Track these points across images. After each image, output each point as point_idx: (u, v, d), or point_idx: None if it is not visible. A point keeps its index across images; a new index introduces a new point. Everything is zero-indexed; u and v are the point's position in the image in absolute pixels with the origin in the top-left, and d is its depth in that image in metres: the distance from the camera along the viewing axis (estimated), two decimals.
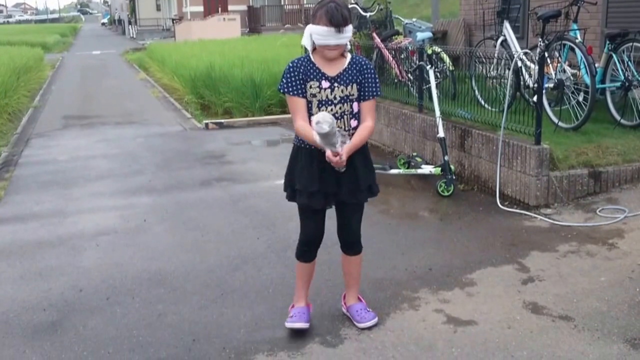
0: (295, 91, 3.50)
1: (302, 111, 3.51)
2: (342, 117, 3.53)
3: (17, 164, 8.52)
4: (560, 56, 6.56)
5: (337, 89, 3.50)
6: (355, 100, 3.56)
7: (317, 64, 3.51)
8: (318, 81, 3.49)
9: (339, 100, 3.51)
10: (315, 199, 3.58)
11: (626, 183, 5.77)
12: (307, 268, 3.84)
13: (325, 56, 3.49)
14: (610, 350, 3.42)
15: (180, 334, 3.82)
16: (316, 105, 3.51)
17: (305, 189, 3.56)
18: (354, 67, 3.56)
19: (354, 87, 3.54)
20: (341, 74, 3.52)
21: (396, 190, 6.52)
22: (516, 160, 5.75)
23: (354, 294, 3.92)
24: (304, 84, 3.50)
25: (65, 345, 3.75)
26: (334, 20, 3.36)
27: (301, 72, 3.50)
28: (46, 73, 21.12)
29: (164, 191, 6.92)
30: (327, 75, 3.50)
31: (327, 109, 3.49)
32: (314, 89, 3.49)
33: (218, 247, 5.19)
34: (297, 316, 3.74)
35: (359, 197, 3.65)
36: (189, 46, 21.24)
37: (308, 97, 3.51)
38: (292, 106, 3.56)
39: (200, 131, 10.66)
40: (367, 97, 3.57)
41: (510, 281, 4.31)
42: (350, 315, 3.86)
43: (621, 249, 4.71)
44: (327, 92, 3.50)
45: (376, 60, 8.95)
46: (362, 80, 3.56)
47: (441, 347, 3.54)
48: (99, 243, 5.40)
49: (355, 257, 3.85)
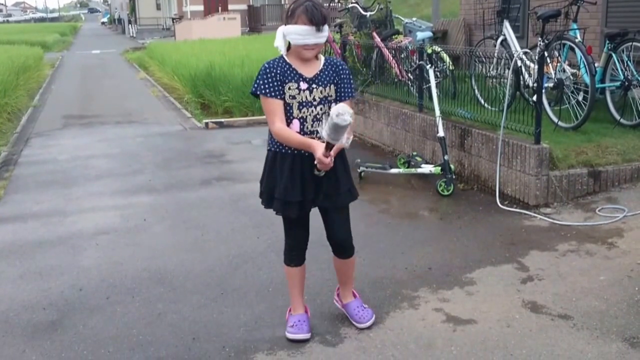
0: (273, 93, 3.40)
1: (280, 113, 3.42)
2: (322, 118, 3.46)
3: (16, 164, 8.52)
4: (560, 56, 6.56)
5: (315, 90, 3.44)
6: (333, 102, 3.49)
7: (294, 65, 3.44)
8: (296, 82, 3.42)
9: (319, 102, 3.45)
10: (291, 209, 3.50)
11: (626, 182, 5.77)
12: (299, 273, 3.77)
13: (302, 56, 3.42)
14: (609, 349, 3.43)
15: (180, 332, 3.83)
16: (297, 107, 3.43)
17: (284, 197, 3.48)
18: (330, 68, 3.51)
19: (331, 88, 3.49)
20: (318, 75, 3.46)
21: (396, 189, 6.53)
22: (516, 160, 5.76)
23: (349, 290, 3.88)
24: (281, 85, 3.41)
25: (65, 345, 3.75)
26: (315, 18, 3.29)
27: (278, 74, 3.41)
28: (46, 72, 21.13)
29: (164, 190, 6.93)
30: (304, 76, 3.44)
31: (307, 110, 3.43)
32: (292, 90, 3.42)
33: (218, 247, 5.20)
34: (297, 326, 3.67)
35: (338, 201, 3.59)
36: (189, 45, 21.26)
37: (287, 99, 3.42)
38: (268, 108, 3.44)
39: (200, 130, 10.68)
40: (344, 97, 3.52)
41: (510, 280, 4.32)
42: (347, 314, 3.84)
43: (620, 248, 4.72)
44: (306, 94, 3.43)
45: (376, 60, 8.96)
46: (338, 81, 3.51)
47: (441, 345, 3.55)
48: (98, 242, 5.41)
49: (349, 259, 3.78)
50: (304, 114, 3.44)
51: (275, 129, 3.40)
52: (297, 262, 3.74)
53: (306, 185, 3.47)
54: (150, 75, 19.03)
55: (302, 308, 3.78)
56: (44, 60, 23.47)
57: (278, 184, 3.49)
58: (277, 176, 3.51)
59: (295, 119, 3.44)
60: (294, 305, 3.79)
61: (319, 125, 3.43)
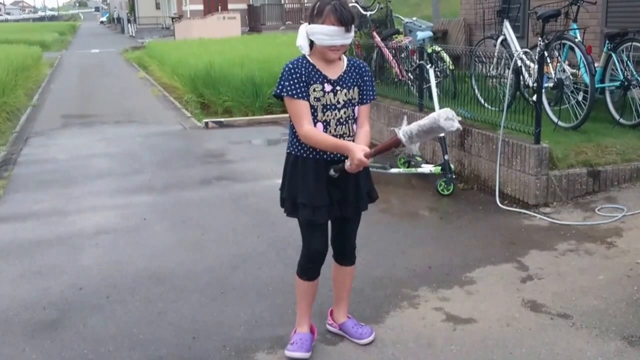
0: (300, 94, 3.23)
1: (308, 115, 3.25)
2: (346, 122, 3.34)
3: (16, 163, 8.52)
4: (560, 55, 6.58)
5: (339, 92, 3.30)
6: (356, 104, 3.38)
7: (317, 66, 3.29)
8: (321, 84, 3.27)
9: (343, 105, 3.31)
10: (321, 213, 3.35)
11: (625, 182, 5.80)
12: (312, 287, 3.57)
13: (327, 58, 3.27)
14: (608, 348, 3.44)
15: (181, 331, 3.83)
16: (321, 110, 3.28)
17: (311, 203, 3.31)
18: (354, 70, 3.38)
19: (355, 91, 3.36)
20: (342, 77, 3.33)
21: (396, 189, 6.55)
22: (516, 160, 5.77)
23: (345, 309, 3.75)
24: (306, 86, 3.25)
25: (65, 344, 3.76)
26: (344, 18, 3.14)
27: (303, 74, 3.25)
28: (45, 71, 21.11)
29: (163, 190, 6.93)
30: (328, 78, 3.29)
31: (331, 113, 3.29)
32: (317, 92, 3.26)
33: (218, 246, 5.21)
34: (298, 344, 3.50)
35: (361, 205, 3.47)
36: (188, 45, 21.25)
37: (311, 102, 3.26)
38: (296, 111, 3.26)
39: (200, 130, 10.68)
40: (366, 100, 3.41)
41: (510, 279, 4.34)
42: (345, 333, 3.70)
43: (619, 248, 4.74)
44: (330, 96, 3.29)
45: (376, 59, 8.98)
46: (361, 83, 3.39)
47: (440, 344, 3.57)
48: (98, 242, 5.41)
49: (350, 267, 3.68)
50: (328, 117, 3.29)
51: (305, 131, 3.23)
52: (312, 275, 3.53)
53: (331, 189, 3.35)
54: (149, 75, 19.04)
55: (307, 326, 3.60)
56: (43, 59, 23.44)
57: (302, 189, 3.33)
58: (299, 182, 3.35)
59: (319, 122, 3.29)
60: (299, 321, 3.61)
61: (342, 129, 3.32)
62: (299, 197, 3.35)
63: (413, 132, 3.00)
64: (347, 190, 3.39)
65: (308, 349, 3.50)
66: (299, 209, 3.37)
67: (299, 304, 3.61)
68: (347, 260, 3.66)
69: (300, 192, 3.34)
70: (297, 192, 3.36)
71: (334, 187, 3.35)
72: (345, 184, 3.36)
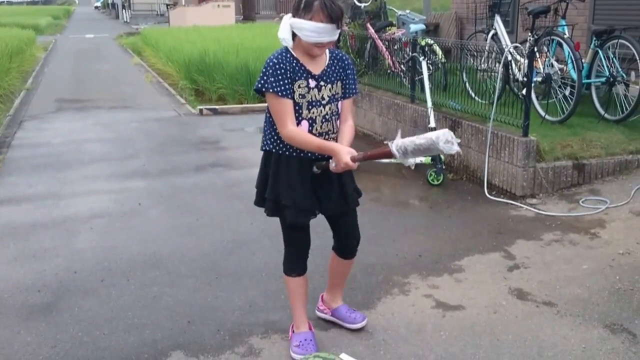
0: (285, 92, 3.07)
1: (292, 114, 3.09)
2: (331, 118, 3.21)
3: (10, 146, 8.50)
4: (549, 51, 6.65)
5: (324, 88, 3.16)
6: (340, 99, 3.25)
7: (301, 60, 3.13)
8: (305, 80, 3.12)
9: (328, 101, 3.17)
10: (306, 215, 3.29)
11: (608, 175, 5.89)
12: (303, 282, 3.49)
13: (312, 53, 3.11)
14: (591, 335, 3.53)
15: (175, 316, 3.87)
16: (306, 107, 3.13)
17: (296, 205, 3.21)
18: (337, 63, 3.23)
19: (339, 85, 3.23)
20: (325, 71, 3.18)
21: (387, 178, 6.61)
22: (504, 151, 5.86)
23: (341, 295, 3.75)
24: (291, 83, 3.08)
25: (60, 326, 3.78)
26: (334, 15, 2.97)
27: (288, 70, 3.08)
28: (39, 55, 20.94)
29: (158, 176, 6.97)
30: (312, 73, 3.14)
31: (317, 110, 3.16)
32: (302, 88, 3.11)
33: (212, 232, 5.26)
34: (303, 346, 3.38)
35: (349, 201, 3.37)
36: (183, 32, 21.15)
37: (296, 99, 3.11)
38: (280, 109, 3.08)
39: (194, 117, 10.68)
40: (348, 95, 3.27)
41: (497, 268, 4.42)
42: (337, 319, 3.71)
43: (602, 239, 4.83)
44: (315, 92, 3.14)
45: (370, 51, 9.02)
46: (344, 77, 3.25)
47: (430, 330, 3.64)
48: (93, 226, 5.44)
49: (351, 260, 3.61)
50: (314, 114, 3.15)
51: (288, 132, 3.07)
52: (299, 270, 3.45)
53: (317, 188, 3.26)
54: (144, 61, 18.95)
55: (306, 325, 3.51)
56: (37, 43, 23.25)
57: (286, 190, 3.21)
58: (282, 181, 3.22)
59: (304, 120, 3.15)
60: (296, 321, 3.51)
61: (327, 125, 3.21)
62: (282, 199, 3.23)
63: (408, 148, 2.91)
64: (331, 190, 3.29)
65: (315, 349, 3.37)
66: (283, 211, 3.27)
67: (293, 303, 3.52)
68: (350, 255, 3.58)
69: (284, 194, 3.22)
70: (279, 192, 3.23)
71: (318, 187, 3.26)
72: (328, 183, 3.27)
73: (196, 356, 3.46)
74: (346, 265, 3.65)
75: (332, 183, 3.28)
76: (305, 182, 3.22)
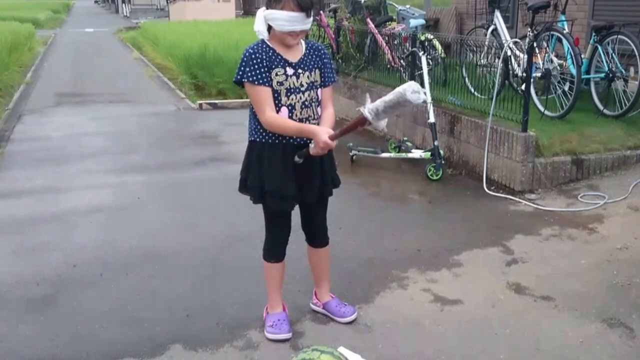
0: (261, 80, 3.20)
1: (270, 101, 3.22)
2: (311, 104, 3.32)
3: (9, 140, 8.50)
4: (548, 46, 6.65)
5: (302, 75, 3.28)
6: (319, 87, 3.37)
7: (277, 50, 3.26)
8: (283, 68, 3.24)
9: (306, 88, 3.30)
10: (289, 201, 3.40)
11: (607, 170, 5.90)
12: (281, 268, 3.64)
13: (287, 43, 3.24)
14: (588, 330, 3.54)
15: (174, 309, 3.88)
16: (284, 94, 3.25)
17: (279, 191, 3.32)
18: (313, 52, 3.36)
19: (317, 73, 3.35)
20: (302, 60, 3.31)
21: (387, 173, 6.63)
22: (503, 147, 5.87)
23: (327, 289, 3.81)
24: (268, 71, 3.21)
25: (59, 320, 3.79)
26: (304, 4, 3.13)
27: (264, 59, 3.21)
28: (38, 49, 20.92)
29: (157, 170, 6.97)
30: (289, 61, 3.26)
31: (295, 97, 3.27)
32: (280, 76, 3.23)
33: (212, 226, 5.26)
34: (277, 325, 3.56)
35: (325, 191, 3.50)
36: (183, 26, 21.10)
37: (274, 86, 3.23)
38: (258, 97, 3.22)
39: (194, 111, 10.68)
40: (327, 83, 3.40)
41: (495, 263, 4.44)
42: (328, 312, 3.76)
43: (600, 234, 4.84)
44: (293, 79, 3.26)
45: (370, 46, 9.02)
46: (322, 65, 3.38)
47: (428, 324, 3.65)
48: (92, 220, 5.45)
49: (324, 248, 3.72)
50: (293, 100, 3.27)
51: (267, 118, 3.21)
52: (279, 257, 3.60)
53: (299, 175, 3.35)
54: (143, 55, 18.92)
55: (280, 306, 3.67)
56: (36, 37, 23.20)
57: (268, 177, 3.33)
58: (265, 169, 3.33)
59: (284, 107, 3.27)
60: (271, 303, 3.67)
61: (307, 112, 3.32)
62: (266, 185, 3.33)
63: (379, 109, 3.02)
64: (313, 177, 3.40)
65: (288, 330, 3.55)
66: (267, 197, 3.37)
67: (269, 287, 3.67)
68: (319, 243, 3.70)
69: (268, 181, 3.33)
70: (263, 180, 3.34)
71: (300, 174, 3.35)
72: (310, 171, 3.37)
73: (195, 349, 3.47)
74: (322, 255, 3.75)
75: (314, 172, 3.39)
76: (288, 170, 3.32)
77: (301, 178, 3.37)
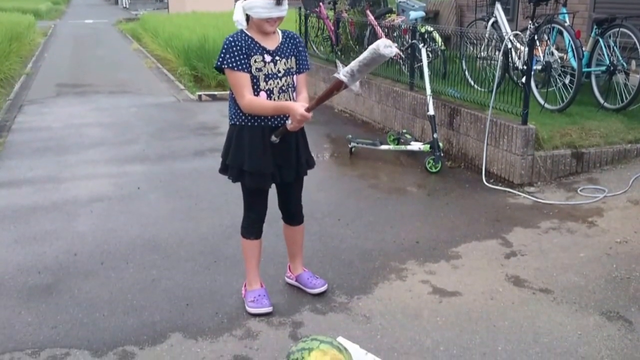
0: (241, 66, 3.43)
1: (249, 85, 3.46)
2: (287, 90, 3.57)
3: (10, 130, 8.51)
4: (549, 39, 6.65)
5: (279, 62, 3.52)
6: (295, 73, 3.61)
7: (256, 39, 3.48)
8: (261, 55, 3.47)
9: (283, 74, 3.54)
10: (266, 180, 3.61)
11: (607, 164, 5.91)
12: (258, 245, 3.82)
13: (264, 30, 3.46)
14: (587, 322, 3.56)
15: (174, 298, 3.91)
16: (263, 79, 3.49)
17: (258, 171, 3.55)
18: (289, 41, 3.60)
19: (293, 60, 3.59)
20: (279, 48, 3.54)
21: (386, 165, 6.64)
22: (503, 140, 5.88)
23: (300, 262, 4.02)
24: (247, 58, 3.44)
25: (60, 308, 3.82)
26: None
27: (244, 47, 3.44)
28: (38, 40, 20.89)
29: (157, 160, 6.99)
30: (267, 49, 3.49)
31: (273, 82, 3.50)
32: (258, 62, 3.46)
33: (211, 216, 5.28)
34: (258, 300, 3.74)
35: (300, 171, 3.72)
36: (182, 18, 21.05)
37: (253, 72, 3.46)
38: (237, 82, 3.46)
39: (193, 102, 10.68)
40: (302, 69, 3.65)
41: (494, 255, 4.45)
42: (300, 284, 3.97)
43: (600, 227, 4.85)
44: (271, 66, 3.49)
45: (369, 38, 9.02)
46: (297, 53, 3.62)
47: (427, 316, 3.67)
48: (93, 209, 5.47)
49: (299, 226, 3.95)
50: (271, 85, 3.50)
51: (246, 101, 3.45)
52: (257, 234, 3.79)
53: (276, 156, 3.57)
54: (143, 47, 18.91)
55: (258, 283, 3.84)
56: (37, 28, 23.17)
57: (248, 157, 3.53)
58: (245, 149, 3.54)
59: (262, 92, 3.50)
60: (249, 279, 3.84)
61: (284, 96, 3.54)
62: (245, 165, 3.55)
63: (354, 69, 3.16)
64: (289, 157, 3.62)
65: (269, 304, 3.73)
66: (245, 176, 3.58)
67: (247, 264, 3.84)
68: (295, 221, 3.93)
69: (248, 160, 3.54)
70: (243, 160, 3.55)
71: (277, 155, 3.57)
72: (286, 152, 3.60)
73: (194, 338, 3.49)
74: (297, 232, 3.98)
75: (290, 152, 3.62)
76: (266, 150, 3.54)
77: (280, 158, 3.59)
